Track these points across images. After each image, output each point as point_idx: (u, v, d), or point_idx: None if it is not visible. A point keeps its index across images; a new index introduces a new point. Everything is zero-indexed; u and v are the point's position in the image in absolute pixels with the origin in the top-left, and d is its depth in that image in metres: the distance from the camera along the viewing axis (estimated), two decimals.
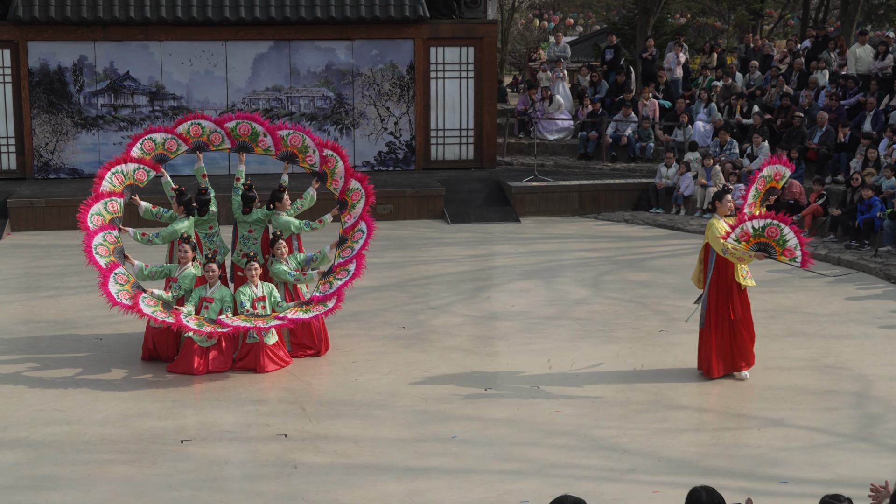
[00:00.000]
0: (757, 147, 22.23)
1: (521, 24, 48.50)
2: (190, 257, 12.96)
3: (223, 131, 13.86)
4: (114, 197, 13.26)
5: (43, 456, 10.26)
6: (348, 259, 13.36)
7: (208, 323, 12.45)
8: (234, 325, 12.36)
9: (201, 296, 12.85)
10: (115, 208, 13.22)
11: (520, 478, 9.78)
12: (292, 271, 13.21)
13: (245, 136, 13.89)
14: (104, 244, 12.82)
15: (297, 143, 13.94)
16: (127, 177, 13.45)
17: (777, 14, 43.73)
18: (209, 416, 11.29)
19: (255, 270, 12.92)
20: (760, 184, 12.52)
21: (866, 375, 12.56)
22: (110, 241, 12.91)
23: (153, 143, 13.68)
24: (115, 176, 13.40)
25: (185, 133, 13.80)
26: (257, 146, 13.91)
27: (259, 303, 12.82)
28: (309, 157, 13.93)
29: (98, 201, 13.11)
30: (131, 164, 13.51)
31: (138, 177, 13.53)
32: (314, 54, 24.01)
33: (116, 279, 12.56)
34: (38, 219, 20.99)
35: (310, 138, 13.98)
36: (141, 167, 13.54)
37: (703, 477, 9.41)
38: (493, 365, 13.07)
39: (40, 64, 23.18)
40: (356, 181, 13.85)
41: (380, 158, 24.44)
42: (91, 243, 12.69)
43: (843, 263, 17.92)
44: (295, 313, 12.69)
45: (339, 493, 9.47)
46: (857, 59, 24.34)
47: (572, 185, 22.94)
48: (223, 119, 14.02)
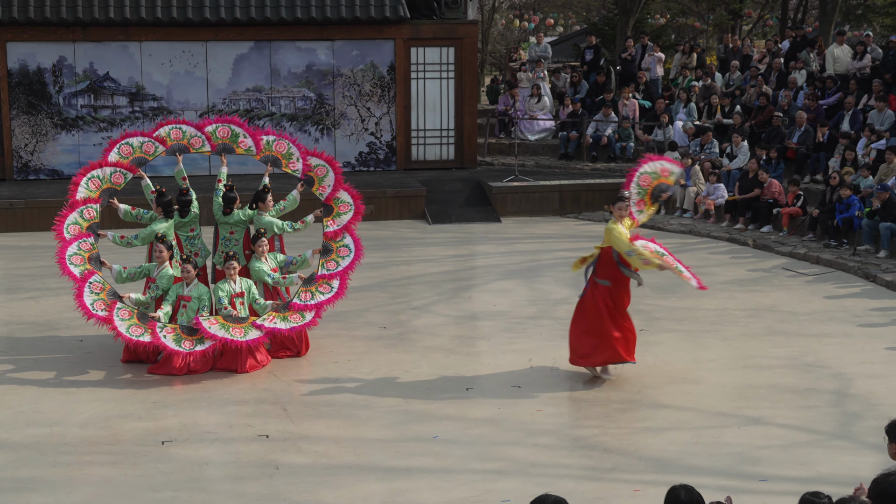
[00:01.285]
0: (737, 147, 22.30)
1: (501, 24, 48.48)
2: (166, 257, 12.95)
3: (203, 135, 13.86)
4: (89, 204, 13.26)
5: (23, 458, 10.23)
6: (332, 274, 13.34)
7: (186, 336, 12.43)
8: (214, 334, 12.34)
9: (179, 294, 12.84)
10: (91, 215, 13.23)
11: (501, 477, 9.80)
12: (271, 273, 13.19)
13: (225, 139, 13.89)
14: (79, 253, 12.83)
15: (283, 149, 13.96)
16: (103, 181, 13.43)
17: (756, 14, 43.87)
18: (190, 417, 11.27)
19: (234, 269, 12.93)
20: (644, 181, 12.70)
21: (845, 374, 12.62)
22: (85, 248, 12.92)
23: (130, 148, 13.67)
24: (90, 181, 13.38)
25: (166, 137, 13.79)
26: (238, 147, 13.91)
27: (237, 299, 12.82)
28: (292, 164, 13.95)
29: (74, 210, 13.11)
30: (107, 168, 13.49)
31: (115, 180, 13.50)
32: (295, 55, 23.99)
33: (91, 288, 12.58)
34: (17, 220, 20.91)
35: (295, 147, 14.00)
36: (118, 170, 13.52)
37: (684, 475, 9.44)
38: (474, 365, 13.08)
39: (19, 65, 23.10)
40: (348, 194, 13.88)
41: (361, 159, 24.43)
42: (65, 254, 12.72)
43: (822, 262, 18.00)
44: (272, 321, 12.67)
45: (321, 494, 9.47)
46: (835, 59, 24.44)
47: (553, 185, 22.98)
48: (203, 124, 14.02)
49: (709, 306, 15.49)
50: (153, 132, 13.88)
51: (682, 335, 14.16)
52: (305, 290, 13.15)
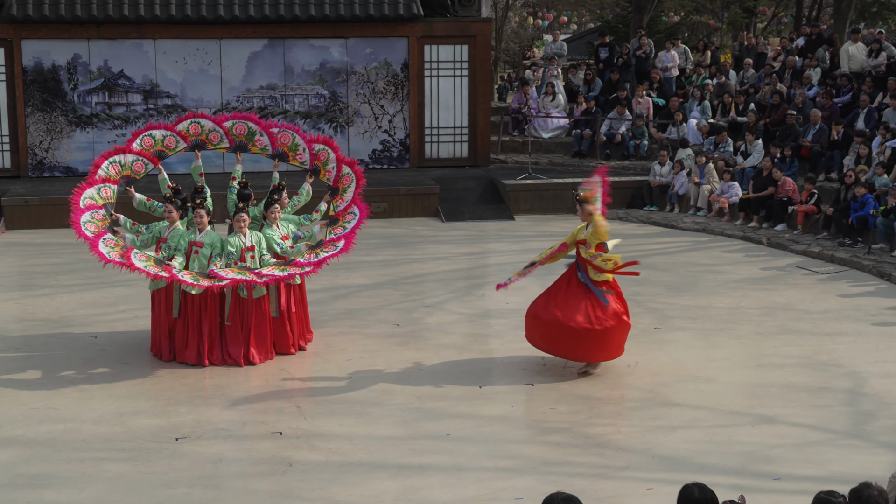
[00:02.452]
0: (751, 145, 22.26)
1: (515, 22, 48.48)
2: (176, 217, 12.90)
3: (222, 130, 13.88)
4: (108, 183, 13.27)
5: (37, 454, 10.26)
6: (338, 237, 13.29)
7: (203, 277, 12.36)
8: (230, 277, 12.27)
9: (191, 240, 12.80)
10: (108, 194, 13.22)
11: (514, 475, 9.79)
12: (281, 241, 13.10)
13: (242, 136, 13.91)
14: (92, 221, 12.78)
15: (287, 141, 13.98)
16: (124, 167, 13.45)
17: (770, 12, 43.76)
18: (204, 413, 11.29)
19: (244, 221, 12.90)
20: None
21: (859, 372, 12.58)
22: (98, 218, 12.88)
23: (152, 140, 13.69)
24: (112, 165, 13.40)
25: (185, 131, 13.82)
26: (254, 145, 13.93)
27: (248, 252, 12.79)
28: (299, 155, 13.97)
29: (92, 186, 13.12)
30: (129, 156, 13.51)
31: (136, 168, 13.53)
32: (308, 52, 24.01)
33: (105, 243, 12.51)
34: (32, 217, 20.98)
35: (299, 136, 14.01)
36: (140, 159, 13.55)
37: (697, 474, 9.42)
38: (487, 362, 13.08)
39: (34, 62, 23.16)
40: (347, 166, 13.88)
41: (374, 156, 24.45)
42: (79, 219, 12.66)
43: (836, 261, 17.95)
44: (271, 270, 12.59)
45: (333, 491, 9.48)
46: (849, 56, 24.38)
47: (566, 183, 22.94)
48: (221, 119, 14.04)
49: (722, 304, 15.46)
50: (174, 126, 13.91)
51: (695, 333, 14.14)
52: (310, 252, 13.04)
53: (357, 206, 13.67)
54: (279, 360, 12.99)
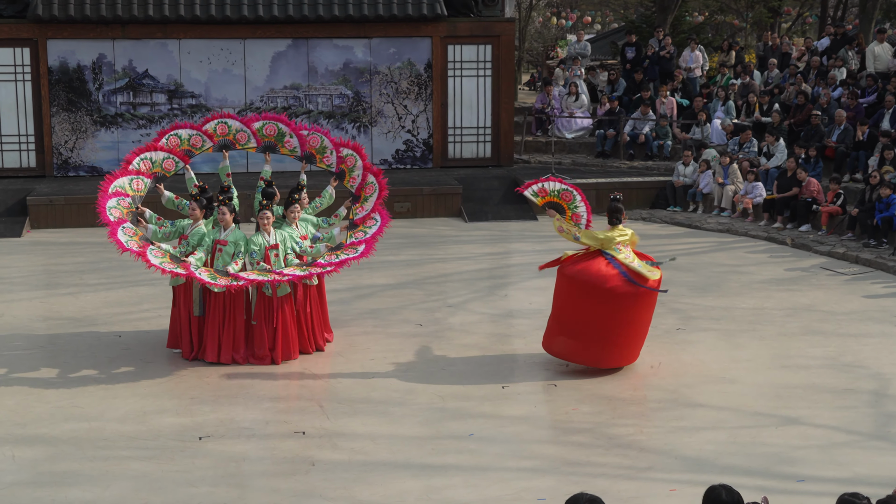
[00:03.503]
0: (772, 146, 22.17)
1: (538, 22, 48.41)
2: (199, 215, 12.92)
3: (249, 131, 13.93)
4: (141, 175, 13.36)
5: (62, 452, 10.31)
6: (359, 241, 13.33)
7: (221, 275, 12.39)
8: (249, 278, 12.32)
9: (215, 238, 12.82)
10: (138, 186, 13.33)
11: (536, 475, 9.79)
12: (300, 240, 13.12)
13: (271, 137, 13.97)
14: (118, 207, 12.85)
15: (316, 143, 14.02)
16: (155, 164, 13.53)
17: (795, 12, 43.57)
18: (227, 412, 11.33)
19: (268, 219, 12.92)
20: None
21: (884, 374, 12.53)
22: (124, 205, 12.96)
23: (178, 139, 13.76)
24: (143, 161, 13.49)
25: (212, 131, 13.88)
26: (283, 147, 14.00)
27: (272, 251, 12.82)
28: (326, 158, 14.01)
29: (125, 175, 13.21)
30: (160, 153, 13.59)
31: (167, 166, 13.62)
32: (332, 52, 24.05)
33: (125, 231, 12.57)
34: (57, 216, 21.08)
35: (328, 139, 14.05)
36: (170, 157, 13.63)
37: (720, 475, 9.41)
38: (509, 362, 13.08)
39: (59, 62, 23.27)
40: (372, 175, 13.93)
41: (397, 156, 24.47)
42: (105, 204, 12.73)
43: (860, 262, 17.87)
44: (292, 270, 12.64)
45: (356, 490, 9.50)
46: (875, 57, 24.26)
47: (590, 184, 22.87)
48: (250, 119, 14.10)
49: (746, 305, 15.41)
50: (202, 125, 13.96)
51: (718, 334, 14.10)
52: (331, 254, 13.07)
53: (378, 212, 13.72)
54: (302, 359, 13.01)
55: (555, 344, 12.63)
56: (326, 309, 13.78)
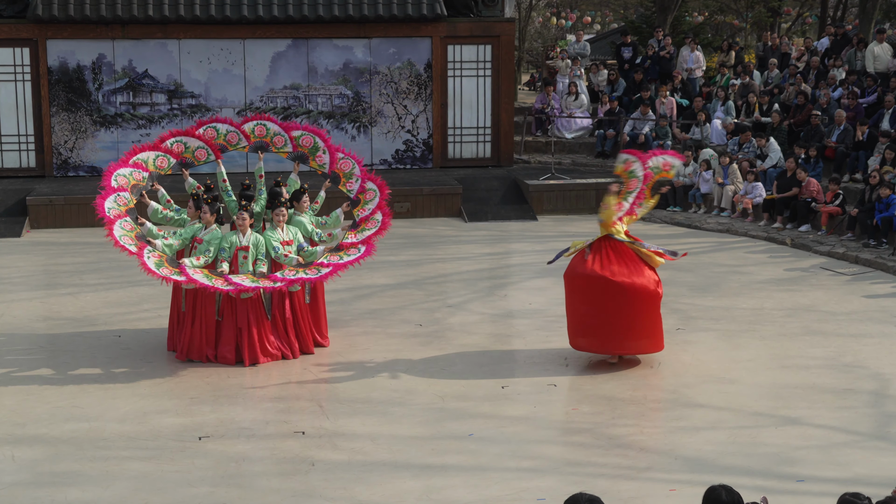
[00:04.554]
0: (764, 147, 22.17)
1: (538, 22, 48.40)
2: (211, 219, 12.89)
3: (287, 136, 14.04)
4: (169, 155, 13.44)
5: (62, 452, 10.32)
6: (359, 242, 13.36)
7: (217, 276, 12.40)
8: (243, 285, 12.33)
9: (237, 245, 12.81)
10: (162, 164, 13.52)
11: (536, 475, 9.79)
12: (279, 246, 13.10)
13: (306, 149, 14.12)
14: (116, 206, 12.86)
15: (308, 144, 14.06)
16: (188, 149, 13.74)
17: (795, 12, 43.58)
18: (227, 413, 11.33)
19: (283, 215, 12.99)
20: (647, 175, 13.14)
21: (884, 374, 12.53)
22: (121, 203, 12.95)
23: (215, 132, 13.92)
24: (176, 144, 13.70)
25: (249, 132, 14.00)
26: (314, 160, 14.10)
27: (286, 247, 12.89)
28: (319, 157, 14.06)
29: (154, 150, 13.34)
30: (195, 141, 13.72)
31: (198, 155, 13.81)
32: (332, 52, 24.05)
33: (122, 226, 12.59)
34: (57, 216, 21.08)
35: (321, 139, 14.10)
36: (204, 146, 13.86)
37: (720, 475, 9.41)
38: (509, 363, 13.09)
39: (59, 62, 23.27)
40: (371, 182, 13.97)
41: (397, 156, 24.46)
42: (104, 202, 12.76)
43: (860, 262, 17.87)
44: (293, 272, 12.67)
45: (356, 490, 9.50)
46: (875, 57, 24.26)
47: (590, 184, 22.92)
48: (290, 126, 14.32)
49: (746, 305, 15.42)
50: (241, 124, 14.09)
51: (718, 334, 14.10)
52: (332, 254, 13.11)
53: (381, 211, 13.75)
54: (301, 359, 13.02)
55: (580, 343, 12.79)
56: (323, 313, 13.68)
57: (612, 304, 12.37)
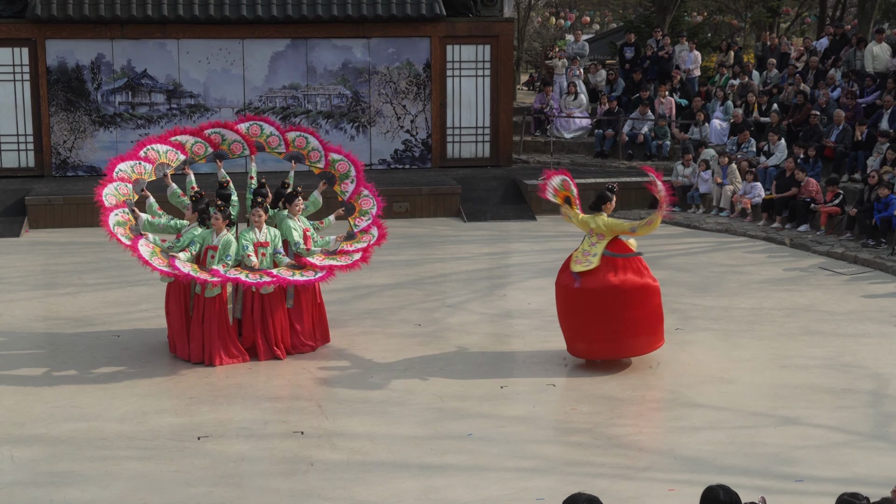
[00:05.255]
0: (773, 145, 22.18)
1: (537, 22, 48.44)
2: (222, 224, 12.86)
3: (281, 135, 14.24)
4: (144, 161, 13.48)
5: (60, 452, 10.31)
6: (354, 250, 13.44)
7: (202, 270, 12.44)
8: (232, 276, 12.37)
9: (255, 242, 12.86)
10: (141, 171, 13.51)
11: (535, 475, 9.79)
12: (299, 241, 13.17)
13: (300, 148, 14.21)
14: (115, 194, 12.90)
15: (302, 144, 14.17)
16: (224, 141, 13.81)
17: (794, 12, 43.60)
18: (226, 412, 11.33)
19: (260, 216, 12.97)
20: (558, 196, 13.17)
21: (883, 374, 12.53)
22: (123, 192, 13.01)
23: (260, 129, 14.19)
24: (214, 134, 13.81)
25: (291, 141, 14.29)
26: (309, 159, 14.32)
27: (261, 248, 12.85)
28: (313, 155, 14.15)
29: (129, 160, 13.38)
30: (232, 134, 13.96)
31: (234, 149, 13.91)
32: (331, 52, 24.05)
33: (118, 217, 12.61)
34: (56, 216, 21.08)
35: (316, 139, 14.19)
36: (240, 140, 14.00)
37: (719, 475, 9.41)
38: (508, 362, 13.08)
39: (58, 62, 23.27)
40: (367, 190, 14.08)
41: (396, 156, 24.46)
42: (102, 192, 12.80)
43: (859, 262, 17.88)
44: (287, 273, 12.71)
45: (355, 490, 9.49)
46: (874, 57, 24.27)
47: (588, 184, 22.86)
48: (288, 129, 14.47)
49: (745, 305, 15.42)
50: (285, 131, 14.34)
51: (717, 334, 14.10)
52: (324, 257, 13.16)
53: (376, 226, 13.82)
54: (301, 359, 13.02)
55: (577, 349, 12.76)
56: (322, 314, 13.65)
57: (618, 310, 12.36)
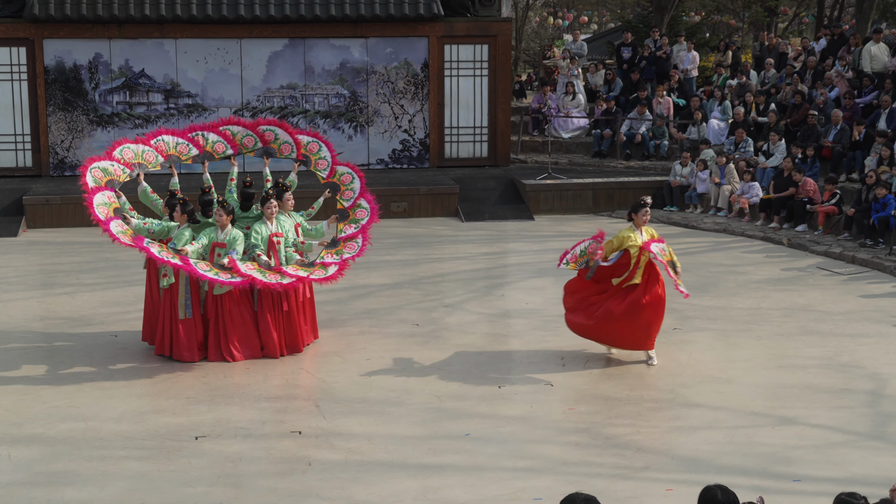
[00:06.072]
0: (774, 145, 22.19)
1: (535, 21, 48.39)
2: (227, 221, 12.85)
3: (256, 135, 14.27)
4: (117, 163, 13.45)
5: (58, 452, 10.30)
6: (355, 233, 13.74)
7: (221, 269, 12.43)
8: (250, 274, 12.40)
9: (271, 232, 12.98)
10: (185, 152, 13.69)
11: (533, 475, 9.79)
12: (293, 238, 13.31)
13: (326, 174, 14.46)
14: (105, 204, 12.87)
15: (271, 138, 14.23)
16: (137, 155, 13.64)
17: (792, 12, 43.60)
18: (224, 412, 11.32)
19: (274, 208, 13.06)
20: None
21: (881, 374, 12.53)
22: (109, 200, 12.98)
23: (274, 135, 14.29)
24: (124, 151, 13.62)
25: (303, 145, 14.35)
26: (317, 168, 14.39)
27: (276, 238, 13.00)
28: (285, 148, 14.22)
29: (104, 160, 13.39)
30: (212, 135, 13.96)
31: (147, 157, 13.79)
32: (329, 52, 24.05)
33: (105, 197, 12.62)
34: (53, 216, 21.07)
35: (281, 129, 14.28)
36: (251, 134, 14.08)
37: (717, 475, 9.41)
38: (506, 362, 13.08)
39: (56, 62, 23.26)
40: (366, 202, 14.14)
41: (394, 156, 24.46)
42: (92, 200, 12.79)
43: (857, 262, 17.88)
44: (296, 270, 12.79)
45: (353, 490, 9.49)
46: (871, 57, 24.27)
47: (586, 183, 22.94)
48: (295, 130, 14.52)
49: (743, 305, 15.42)
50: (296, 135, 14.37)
51: (715, 334, 14.10)
52: (329, 252, 13.24)
53: (367, 200, 13.93)
54: (299, 359, 13.02)
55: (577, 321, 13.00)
56: (310, 314, 13.64)
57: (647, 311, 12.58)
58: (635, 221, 12.86)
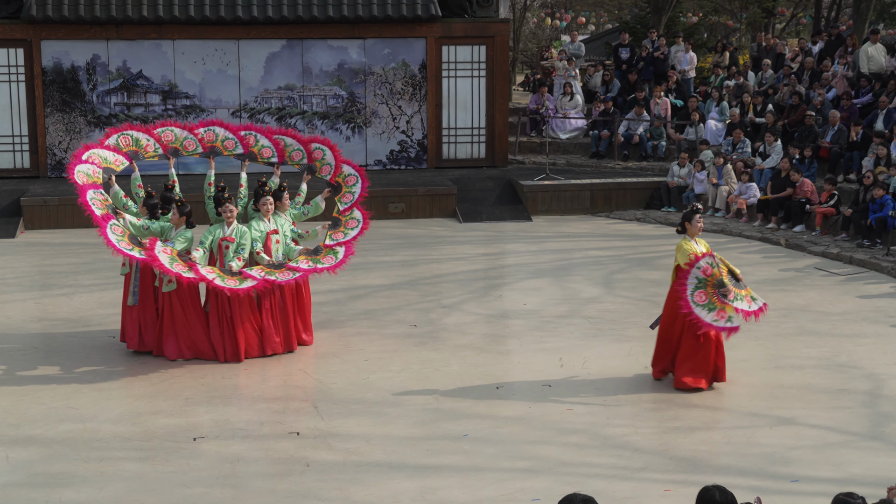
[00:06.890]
0: (770, 146, 22.20)
1: (533, 22, 48.47)
2: (233, 217, 12.94)
3: (237, 138, 14.19)
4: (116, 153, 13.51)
5: (56, 453, 10.30)
6: (339, 243, 13.56)
7: (228, 276, 12.45)
8: (262, 277, 12.48)
9: (268, 230, 13.04)
10: (127, 142, 13.74)
11: (531, 476, 9.79)
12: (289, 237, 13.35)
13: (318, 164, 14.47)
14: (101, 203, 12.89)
15: (252, 143, 14.21)
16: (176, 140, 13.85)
17: (789, 13, 43.64)
18: (222, 413, 11.32)
19: (270, 205, 13.11)
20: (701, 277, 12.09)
21: (878, 374, 12.54)
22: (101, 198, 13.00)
23: (214, 135, 14.14)
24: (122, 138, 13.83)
25: (202, 137, 14.22)
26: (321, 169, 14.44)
27: (273, 236, 13.06)
28: (265, 152, 14.21)
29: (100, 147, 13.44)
30: (142, 134, 14.02)
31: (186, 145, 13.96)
32: (326, 53, 24.05)
33: (112, 230, 12.61)
34: (51, 217, 21.07)
35: (261, 134, 14.31)
36: (192, 137, 14.03)
37: (715, 475, 9.42)
38: (504, 363, 13.08)
39: (53, 63, 23.25)
40: (349, 167, 14.19)
41: (392, 157, 24.46)
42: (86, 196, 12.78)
43: (854, 262, 17.89)
44: (307, 262, 12.92)
45: (351, 491, 9.49)
46: (869, 57, 24.29)
47: (584, 184, 22.94)
48: (341, 159, 14.46)
49: None
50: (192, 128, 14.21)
51: None
52: (307, 259, 13.22)
53: (361, 213, 14.01)
54: (297, 360, 13.03)
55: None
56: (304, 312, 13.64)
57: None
58: (689, 231, 12.23)
